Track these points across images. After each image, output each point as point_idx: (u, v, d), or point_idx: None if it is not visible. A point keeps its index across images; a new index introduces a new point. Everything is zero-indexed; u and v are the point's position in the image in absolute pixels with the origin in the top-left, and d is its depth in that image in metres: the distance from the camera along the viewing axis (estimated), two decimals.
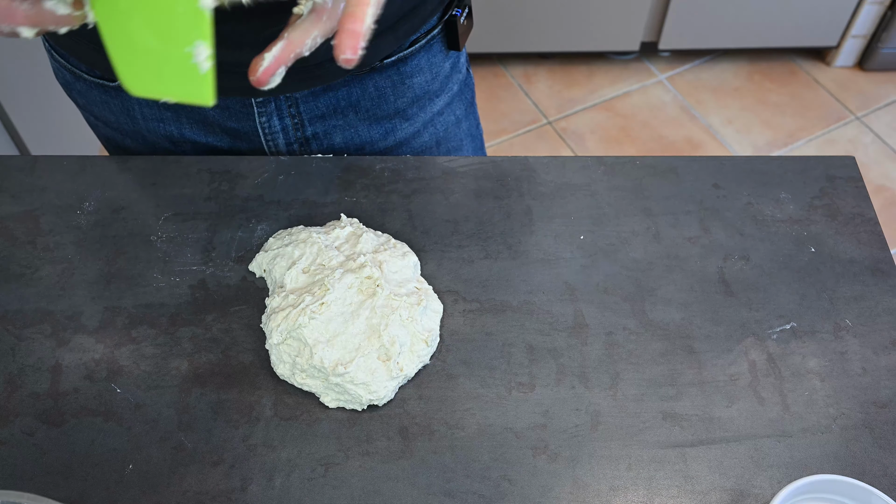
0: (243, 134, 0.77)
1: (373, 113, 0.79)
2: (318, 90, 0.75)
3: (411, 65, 0.77)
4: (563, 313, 0.65)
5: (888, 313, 0.66)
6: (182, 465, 0.57)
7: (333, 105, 0.77)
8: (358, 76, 0.75)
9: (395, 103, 0.79)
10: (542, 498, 0.56)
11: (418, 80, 0.79)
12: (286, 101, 0.75)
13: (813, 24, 2.08)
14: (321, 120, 0.77)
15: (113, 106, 0.76)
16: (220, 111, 0.75)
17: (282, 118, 0.76)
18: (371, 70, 0.75)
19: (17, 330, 0.63)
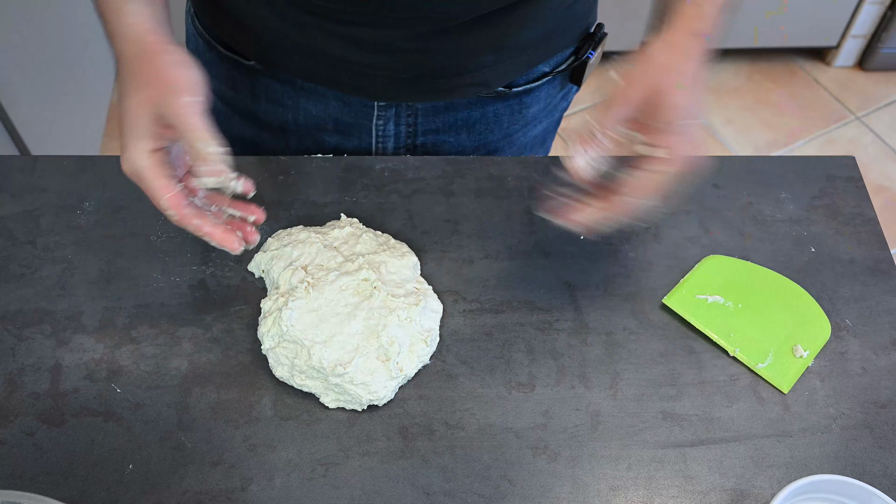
0: (355, 131, 0.78)
1: (484, 136, 0.80)
2: (441, 107, 0.76)
3: (532, 96, 0.78)
4: (563, 313, 0.65)
5: (888, 313, 0.66)
6: (182, 465, 0.57)
7: (451, 123, 0.78)
8: (482, 99, 0.76)
9: (507, 129, 0.80)
10: (542, 498, 0.56)
11: (533, 110, 0.80)
12: (407, 110, 0.76)
13: (813, 24, 2.08)
14: (434, 133, 0.79)
15: (238, 82, 0.77)
16: (342, 105, 0.76)
17: (398, 124, 0.77)
18: (496, 96, 0.76)
19: (17, 330, 0.63)
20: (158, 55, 0.55)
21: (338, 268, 0.63)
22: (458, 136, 0.79)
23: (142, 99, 0.54)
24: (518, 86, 0.76)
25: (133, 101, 0.54)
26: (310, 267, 0.63)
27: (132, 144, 0.55)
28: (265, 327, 0.60)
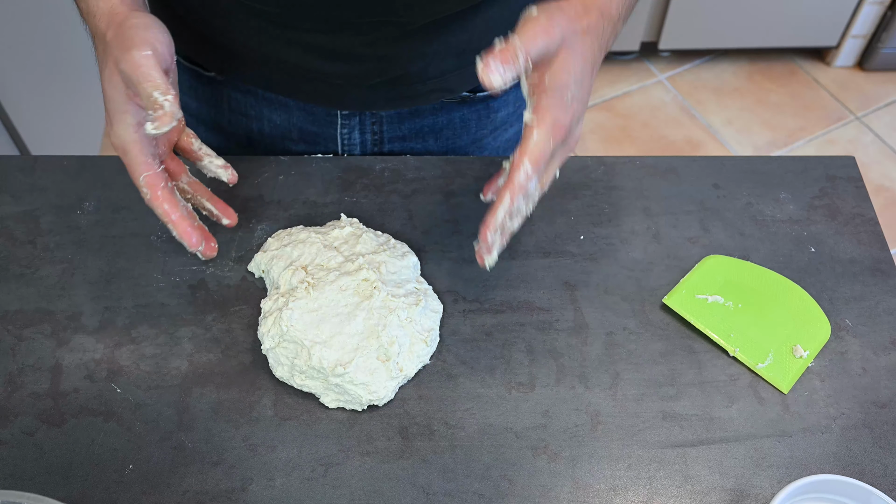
0: (321, 140, 0.78)
1: (452, 141, 0.80)
2: (405, 114, 0.76)
3: (500, 100, 0.78)
4: (563, 313, 0.65)
5: (888, 313, 0.66)
6: (182, 465, 0.57)
7: (416, 130, 0.78)
8: (447, 105, 0.75)
9: (475, 133, 0.80)
10: (542, 498, 0.56)
11: (501, 114, 0.80)
12: (371, 118, 0.76)
13: (813, 24, 2.08)
14: (400, 140, 0.78)
15: (201, 93, 0.77)
16: (305, 115, 0.76)
17: (363, 132, 0.77)
18: (462, 101, 0.76)
19: (17, 330, 0.63)
20: (124, 23, 0.55)
21: (338, 268, 0.63)
22: (426, 142, 0.79)
23: (112, 70, 0.54)
24: (483, 90, 0.75)
25: (106, 75, 0.54)
26: (310, 267, 0.63)
27: (116, 119, 0.55)
28: (265, 327, 0.60)
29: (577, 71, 0.53)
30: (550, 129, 0.52)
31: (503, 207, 0.53)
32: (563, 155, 0.56)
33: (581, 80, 0.53)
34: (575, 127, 0.54)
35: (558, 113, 0.52)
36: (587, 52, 0.54)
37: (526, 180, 0.52)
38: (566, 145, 0.55)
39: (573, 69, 0.52)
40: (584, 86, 0.54)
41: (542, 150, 0.52)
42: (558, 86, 0.52)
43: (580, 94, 0.53)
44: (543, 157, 0.52)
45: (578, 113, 0.54)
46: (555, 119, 0.52)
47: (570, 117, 0.53)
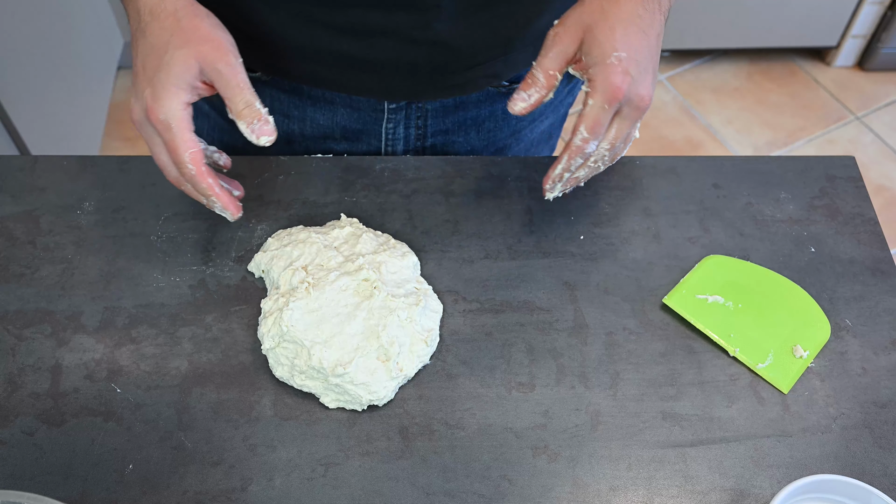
0: (364, 137, 0.78)
1: (493, 134, 0.80)
2: (450, 106, 0.76)
3: None
4: (563, 313, 0.65)
5: (888, 313, 0.66)
6: (182, 465, 0.57)
7: (460, 122, 0.78)
8: (490, 96, 0.76)
9: (515, 125, 0.81)
10: (542, 498, 0.56)
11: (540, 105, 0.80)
12: (417, 112, 0.76)
13: (813, 24, 2.08)
14: (444, 133, 0.79)
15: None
16: (351, 111, 0.76)
17: (408, 127, 0.77)
18: (506, 93, 0.76)
19: (17, 330, 0.63)
20: (200, 16, 0.58)
21: (338, 268, 0.63)
22: (468, 135, 0.79)
23: (190, 53, 0.56)
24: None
25: (180, 54, 0.56)
26: (310, 267, 0.63)
27: (170, 93, 0.56)
28: (265, 327, 0.60)
29: (618, 34, 0.56)
30: (602, 94, 0.56)
31: (561, 166, 0.61)
32: (633, 115, 0.58)
33: (627, 39, 0.57)
34: (635, 85, 0.57)
35: (606, 77, 0.56)
36: (627, 13, 0.57)
37: (583, 142, 0.58)
38: (630, 104, 0.58)
39: (609, 37, 0.56)
40: (636, 44, 0.57)
41: (595, 115, 0.57)
42: (597, 56, 0.56)
43: (633, 54, 0.57)
44: (598, 121, 0.57)
45: (635, 72, 0.57)
46: (604, 83, 0.56)
47: (622, 77, 0.56)
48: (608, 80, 0.56)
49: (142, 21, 0.58)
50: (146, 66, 0.57)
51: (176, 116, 0.56)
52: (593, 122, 0.57)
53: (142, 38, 0.58)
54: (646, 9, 0.58)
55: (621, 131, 0.59)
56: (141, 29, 0.58)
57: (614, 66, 0.56)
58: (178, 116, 0.57)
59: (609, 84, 0.56)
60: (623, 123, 0.59)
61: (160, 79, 0.56)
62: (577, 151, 0.59)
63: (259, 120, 0.58)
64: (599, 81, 0.56)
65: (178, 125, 0.57)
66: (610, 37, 0.56)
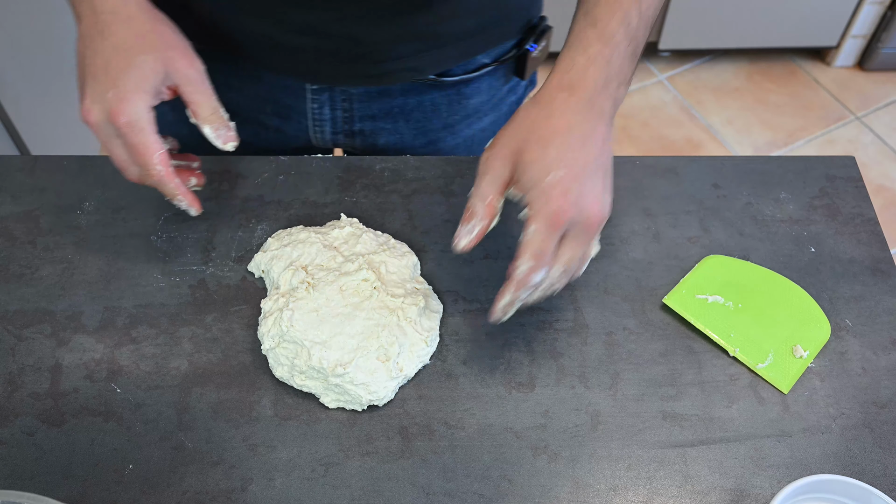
0: (293, 114, 0.78)
1: (423, 125, 0.80)
2: (374, 93, 0.76)
3: (472, 86, 0.78)
4: (563, 313, 0.65)
5: (888, 313, 0.66)
6: (182, 465, 0.57)
7: (387, 109, 0.78)
8: (417, 87, 0.76)
9: (447, 119, 0.80)
10: (542, 498, 0.56)
11: (474, 101, 0.80)
12: (341, 95, 0.76)
13: (813, 24, 2.08)
14: (371, 120, 0.79)
15: None
16: (277, 86, 0.76)
17: (333, 109, 0.77)
18: (431, 84, 0.76)
19: (17, 330, 0.63)
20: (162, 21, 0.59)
21: (338, 268, 0.63)
22: (396, 123, 0.79)
23: (158, 58, 0.57)
24: (454, 75, 0.76)
25: (148, 59, 0.57)
26: (310, 267, 0.63)
27: (135, 97, 0.56)
28: (265, 327, 0.60)
29: (552, 152, 0.52)
30: (542, 220, 0.52)
31: (505, 299, 0.55)
32: (584, 234, 0.54)
33: (564, 155, 0.52)
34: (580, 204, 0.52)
35: (544, 202, 0.52)
36: (560, 126, 0.53)
37: (528, 272, 0.53)
38: (578, 225, 0.53)
39: (542, 156, 0.52)
40: (576, 159, 0.53)
41: (538, 243, 0.52)
42: (532, 179, 0.52)
43: (573, 170, 0.52)
44: (542, 250, 0.52)
45: (577, 190, 0.52)
46: (543, 209, 0.52)
47: (562, 199, 0.51)
48: (547, 205, 0.52)
49: (99, 21, 0.58)
50: (109, 68, 0.56)
51: (143, 118, 0.56)
52: (537, 250, 0.52)
53: (100, 37, 0.57)
54: (583, 116, 0.54)
55: (574, 253, 0.54)
56: (98, 29, 0.58)
57: (552, 188, 0.52)
58: (144, 118, 0.57)
59: (548, 209, 0.52)
60: (574, 245, 0.54)
61: (126, 81, 0.56)
62: (522, 283, 0.54)
63: (224, 126, 0.60)
64: (538, 207, 0.52)
65: (146, 126, 0.57)
66: (543, 156, 0.52)
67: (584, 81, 0.54)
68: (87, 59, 0.58)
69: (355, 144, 0.81)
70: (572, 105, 0.54)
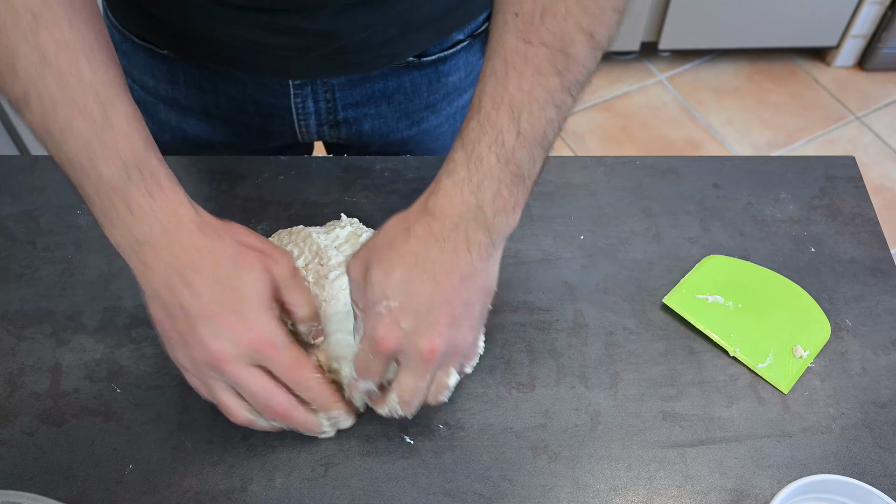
0: (277, 112, 0.78)
1: (404, 106, 0.80)
2: (356, 80, 0.76)
3: (450, 64, 0.78)
4: (563, 313, 0.65)
5: (888, 313, 0.66)
6: (182, 465, 0.57)
7: (368, 95, 0.78)
8: (396, 70, 0.76)
9: (428, 98, 0.80)
10: (542, 498, 0.56)
11: (453, 78, 0.80)
12: (322, 87, 0.76)
13: (813, 24, 2.08)
14: (354, 107, 0.78)
15: (157, 71, 0.77)
16: (258, 86, 0.76)
17: (316, 101, 0.77)
18: (409, 66, 0.76)
19: (17, 330, 0.63)
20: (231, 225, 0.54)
21: (338, 267, 0.63)
22: (378, 107, 0.79)
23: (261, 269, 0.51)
24: (431, 55, 0.76)
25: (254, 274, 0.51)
26: (310, 266, 0.63)
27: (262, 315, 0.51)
28: None
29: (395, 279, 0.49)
30: (367, 342, 0.51)
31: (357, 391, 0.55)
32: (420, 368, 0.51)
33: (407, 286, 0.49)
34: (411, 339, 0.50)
35: (371, 327, 0.50)
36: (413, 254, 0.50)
37: (354, 381, 0.54)
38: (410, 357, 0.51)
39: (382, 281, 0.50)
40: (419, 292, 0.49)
41: (362, 359, 0.52)
42: (368, 301, 0.50)
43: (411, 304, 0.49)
44: (365, 367, 0.52)
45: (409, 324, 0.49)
46: (370, 333, 0.50)
47: (387, 330, 0.49)
48: (373, 331, 0.50)
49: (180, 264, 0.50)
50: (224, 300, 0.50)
51: (280, 333, 0.51)
52: (360, 364, 0.52)
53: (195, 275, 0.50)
54: (440, 248, 0.49)
55: (411, 383, 0.52)
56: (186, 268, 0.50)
57: (381, 317, 0.49)
58: (281, 332, 0.51)
59: (373, 335, 0.50)
60: (409, 375, 0.51)
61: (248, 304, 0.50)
62: (350, 386, 0.56)
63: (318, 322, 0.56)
64: (367, 329, 0.51)
65: (286, 341, 0.51)
66: (383, 281, 0.49)
67: (447, 208, 0.50)
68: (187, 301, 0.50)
69: (340, 135, 0.81)
70: (432, 232, 0.50)
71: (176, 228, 0.50)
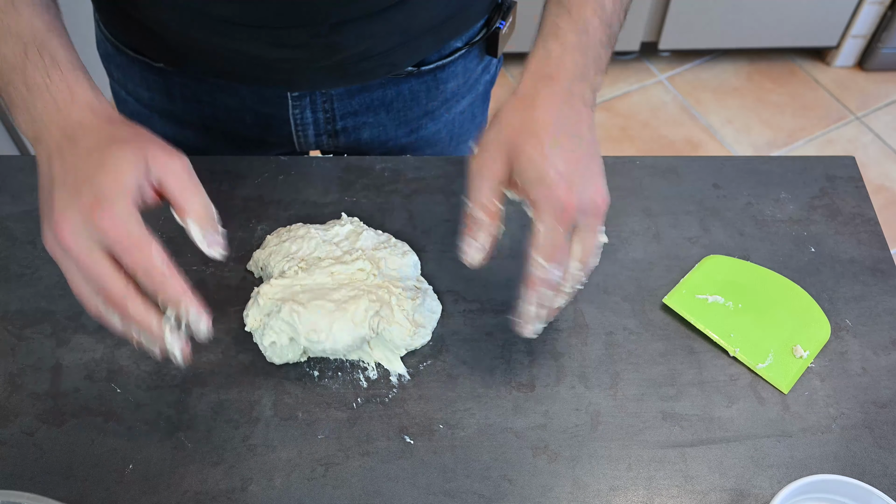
0: (275, 122, 0.78)
1: (403, 114, 0.80)
2: (354, 89, 0.76)
3: (448, 71, 0.79)
4: (563, 313, 0.65)
5: (888, 313, 0.66)
6: (182, 465, 0.57)
7: (367, 104, 0.78)
8: (394, 78, 0.76)
9: (426, 105, 0.80)
10: (542, 498, 0.56)
11: (451, 85, 0.80)
12: (321, 97, 0.76)
13: (813, 24, 2.08)
14: (353, 116, 0.79)
15: (152, 83, 0.77)
16: (256, 97, 0.76)
17: (315, 111, 0.77)
18: (408, 74, 0.76)
19: (17, 330, 0.63)
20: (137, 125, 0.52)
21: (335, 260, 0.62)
22: (377, 116, 0.79)
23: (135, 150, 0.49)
24: (429, 63, 0.76)
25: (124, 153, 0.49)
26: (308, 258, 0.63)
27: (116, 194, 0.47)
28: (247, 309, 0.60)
29: (548, 146, 0.51)
30: (551, 217, 0.51)
31: (532, 305, 0.53)
32: (593, 223, 0.53)
33: (560, 148, 0.51)
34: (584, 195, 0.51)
35: (550, 198, 0.50)
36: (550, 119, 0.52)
37: (544, 274, 0.52)
38: (586, 214, 0.52)
39: (539, 152, 0.51)
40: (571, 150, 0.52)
41: (551, 241, 0.51)
42: (533, 177, 0.51)
43: (572, 163, 0.51)
44: (556, 247, 0.51)
45: (580, 181, 0.51)
46: (550, 206, 0.51)
47: (567, 193, 0.50)
48: (554, 201, 0.50)
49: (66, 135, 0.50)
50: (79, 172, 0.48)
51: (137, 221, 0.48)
52: (550, 248, 0.51)
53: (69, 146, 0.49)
54: (568, 106, 0.53)
55: (588, 244, 0.53)
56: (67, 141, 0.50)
57: (556, 184, 0.50)
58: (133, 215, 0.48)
59: (556, 205, 0.50)
60: (585, 236, 0.53)
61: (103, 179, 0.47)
62: (541, 283, 0.52)
63: (213, 228, 0.50)
64: (544, 204, 0.51)
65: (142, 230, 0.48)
66: (540, 151, 0.51)
67: (561, 71, 0.53)
68: (56, 173, 0.49)
69: (339, 143, 0.81)
70: (555, 95, 0.53)
71: (68, 106, 0.50)
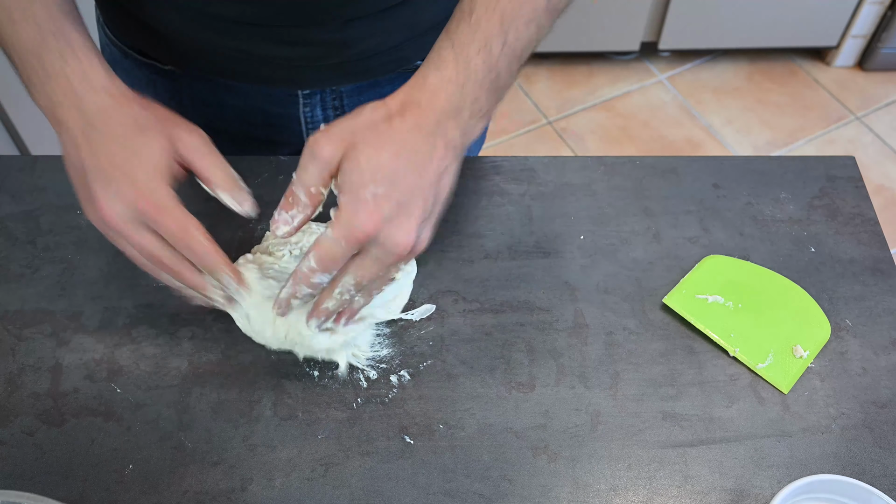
0: (284, 121, 0.78)
1: None
2: (364, 86, 0.76)
3: None
4: (563, 313, 0.65)
5: (888, 313, 0.66)
6: (182, 465, 0.57)
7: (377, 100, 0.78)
8: (404, 74, 0.76)
9: None
10: (542, 498, 0.56)
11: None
12: (331, 94, 0.76)
13: (813, 24, 2.08)
14: None
15: (159, 86, 0.77)
16: (265, 97, 0.76)
17: (325, 109, 0.77)
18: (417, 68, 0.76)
19: (17, 330, 0.63)
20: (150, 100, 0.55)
21: None
22: None
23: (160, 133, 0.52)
24: None
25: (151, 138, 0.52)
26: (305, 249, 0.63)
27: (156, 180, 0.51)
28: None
29: (384, 162, 0.48)
30: (342, 229, 0.49)
31: (285, 290, 0.54)
32: (385, 259, 0.50)
33: (394, 173, 0.49)
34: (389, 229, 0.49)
35: (352, 212, 0.48)
36: (401, 140, 0.49)
37: (309, 272, 0.51)
38: (382, 248, 0.50)
39: (372, 162, 0.48)
40: (404, 182, 0.49)
41: (328, 248, 0.50)
42: (352, 183, 0.49)
43: (396, 193, 0.49)
44: (330, 256, 0.50)
45: (391, 213, 0.48)
46: (348, 219, 0.49)
47: (369, 217, 0.48)
48: (353, 216, 0.48)
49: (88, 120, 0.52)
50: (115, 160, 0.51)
51: (171, 196, 0.51)
52: (324, 254, 0.50)
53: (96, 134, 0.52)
54: (424, 139, 0.50)
55: (368, 273, 0.51)
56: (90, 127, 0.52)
57: (365, 203, 0.48)
58: (172, 195, 0.51)
59: (353, 222, 0.48)
60: (370, 265, 0.51)
61: (139, 167, 0.51)
62: (302, 279, 0.52)
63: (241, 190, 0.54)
64: (344, 215, 0.49)
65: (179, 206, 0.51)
66: (371, 163, 0.48)
67: (432, 102, 0.51)
68: (86, 160, 0.52)
69: None
70: (418, 123, 0.50)
71: (86, 90, 0.53)
